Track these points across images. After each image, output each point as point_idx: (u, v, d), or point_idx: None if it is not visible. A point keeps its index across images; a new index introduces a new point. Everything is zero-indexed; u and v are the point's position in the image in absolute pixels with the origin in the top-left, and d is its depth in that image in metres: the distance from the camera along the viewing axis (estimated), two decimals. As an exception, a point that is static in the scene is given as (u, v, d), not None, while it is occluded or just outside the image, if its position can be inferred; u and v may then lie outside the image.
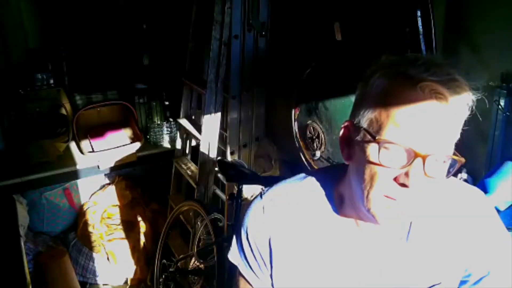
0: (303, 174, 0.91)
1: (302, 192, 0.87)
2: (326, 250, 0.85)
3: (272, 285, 0.91)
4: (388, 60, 0.76)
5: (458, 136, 0.73)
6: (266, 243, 0.88)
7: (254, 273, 0.92)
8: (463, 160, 0.72)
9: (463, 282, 0.87)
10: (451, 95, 0.68)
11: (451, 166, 0.72)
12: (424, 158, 0.68)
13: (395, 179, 0.70)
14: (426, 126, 0.68)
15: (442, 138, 0.70)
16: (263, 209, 0.88)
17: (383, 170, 0.71)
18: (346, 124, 0.79)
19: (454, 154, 0.72)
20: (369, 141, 0.72)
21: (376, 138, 0.70)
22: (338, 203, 0.85)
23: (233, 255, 0.95)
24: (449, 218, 0.84)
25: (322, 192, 0.86)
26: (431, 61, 0.70)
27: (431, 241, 0.83)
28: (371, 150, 0.72)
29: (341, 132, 0.80)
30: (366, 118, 0.73)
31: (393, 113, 0.69)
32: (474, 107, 0.72)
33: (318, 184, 0.87)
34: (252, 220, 0.89)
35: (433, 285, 0.85)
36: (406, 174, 0.69)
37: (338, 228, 0.84)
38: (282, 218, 0.87)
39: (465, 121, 0.74)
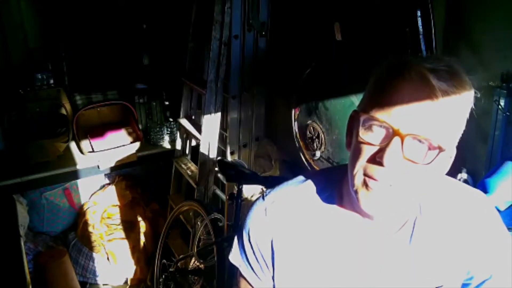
0: (304, 176, 0.91)
1: (304, 194, 0.87)
2: (328, 252, 0.85)
3: (274, 287, 0.91)
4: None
5: (455, 131, 0.73)
6: (268, 245, 0.88)
7: (256, 274, 0.92)
8: (444, 149, 0.70)
9: (465, 285, 0.87)
10: (438, 82, 0.68)
11: (435, 154, 0.71)
12: (402, 138, 0.69)
13: (373, 156, 0.71)
14: (407, 107, 0.69)
15: (425, 122, 0.69)
16: (265, 211, 0.88)
17: (364, 148, 0.72)
18: (352, 113, 0.81)
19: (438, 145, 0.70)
20: (357, 119, 0.74)
21: (359, 112, 0.73)
22: (340, 205, 0.85)
23: (235, 256, 0.95)
24: (452, 220, 0.84)
25: (323, 193, 0.86)
26: (436, 56, 0.72)
27: (433, 243, 0.83)
28: (357, 127, 0.74)
29: (348, 121, 0.82)
30: (361, 102, 0.77)
31: (379, 92, 0.72)
32: (473, 106, 0.73)
33: (319, 185, 0.87)
34: (254, 222, 0.89)
35: (435, 288, 0.85)
36: (383, 151, 0.70)
37: (340, 230, 0.84)
38: (284, 220, 0.86)
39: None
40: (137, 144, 2.87)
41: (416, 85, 0.69)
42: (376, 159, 0.71)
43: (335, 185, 0.86)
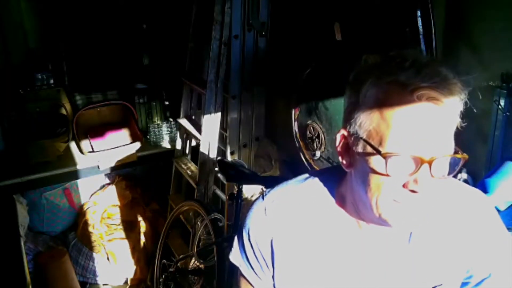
0: (304, 176, 0.91)
1: (304, 194, 0.88)
2: (328, 251, 0.85)
3: (274, 286, 0.92)
4: (373, 64, 0.76)
5: (455, 128, 0.74)
6: (268, 244, 0.88)
7: (256, 274, 0.93)
8: (466, 156, 0.72)
9: (464, 284, 0.88)
10: (446, 97, 0.69)
11: (456, 163, 0.73)
12: (430, 163, 0.69)
13: (404, 185, 0.71)
14: (427, 132, 0.69)
15: (443, 139, 0.70)
16: (264, 210, 0.88)
17: (390, 179, 0.71)
18: (341, 133, 0.79)
19: (455, 150, 0.72)
20: (373, 154, 0.72)
21: (382, 152, 0.70)
22: (340, 204, 0.85)
23: (235, 256, 0.95)
24: (451, 219, 0.84)
25: (323, 193, 0.87)
26: (418, 62, 0.70)
27: (433, 242, 0.83)
28: (376, 161, 0.72)
29: (338, 141, 0.80)
30: (364, 130, 0.73)
31: (393, 124, 0.70)
32: (468, 101, 0.73)
33: (319, 185, 0.88)
34: (254, 222, 0.89)
35: (435, 287, 0.85)
36: (415, 180, 0.70)
37: (340, 229, 0.84)
38: (284, 219, 0.87)
39: (465, 121, 0.74)
40: (137, 144, 2.87)
41: (426, 109, 0.69)
42: (409, 187, 0.71)
43: (335, 185, 0.86)
